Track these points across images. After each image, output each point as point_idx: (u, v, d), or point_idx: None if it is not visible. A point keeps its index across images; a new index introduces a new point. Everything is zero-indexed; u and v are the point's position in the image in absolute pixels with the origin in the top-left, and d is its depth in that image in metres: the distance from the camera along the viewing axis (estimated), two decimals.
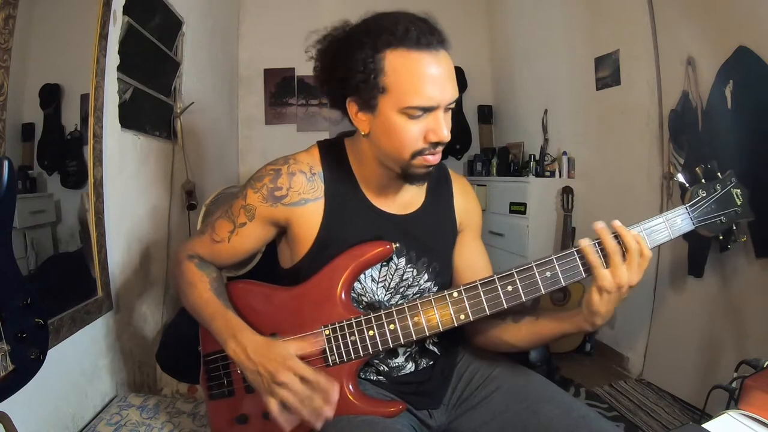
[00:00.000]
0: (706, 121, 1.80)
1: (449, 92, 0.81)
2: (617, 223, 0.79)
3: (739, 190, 0.86)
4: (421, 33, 0.78)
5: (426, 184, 0.98)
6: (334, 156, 0.95)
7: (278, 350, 0.81)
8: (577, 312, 0.84)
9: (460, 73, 3.44)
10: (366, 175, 0.93)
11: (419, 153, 0.83)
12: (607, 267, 0.77)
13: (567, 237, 2.56)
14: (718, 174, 0.86)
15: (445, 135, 0.81)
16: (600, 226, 0.78)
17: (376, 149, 0.87)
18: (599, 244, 0.79)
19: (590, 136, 2.58)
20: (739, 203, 0.86)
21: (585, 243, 0.79)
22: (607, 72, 2.38)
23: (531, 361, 1.10)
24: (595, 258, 0.78)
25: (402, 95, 0.79)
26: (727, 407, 0.83)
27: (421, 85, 0.78)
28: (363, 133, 0.87)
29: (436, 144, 0.83)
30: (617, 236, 0.78)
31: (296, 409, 0.79)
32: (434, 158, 0.85)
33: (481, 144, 3.61)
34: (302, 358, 0.84)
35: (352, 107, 0.85)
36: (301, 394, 0.79)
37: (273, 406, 0.80)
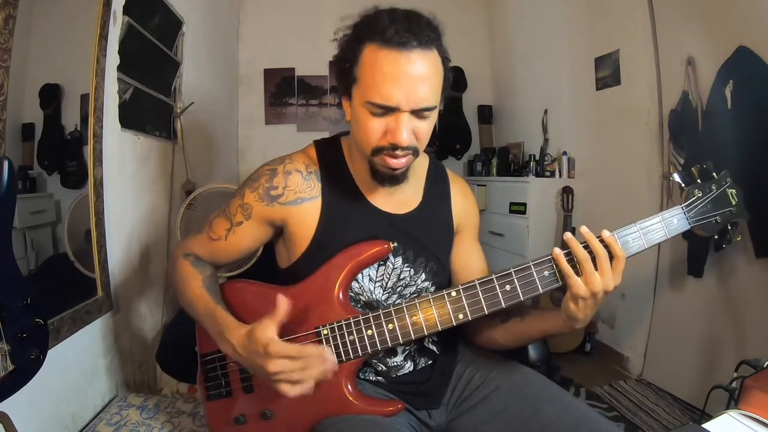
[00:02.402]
0: (706, 121, 1.80)
1: (416, 96, 0.77)
2: (584, 229, 0.79)
3: (734, 191, 0.86)
4: (398, 31, 0.76)
5: (424, 183, 0.99)
6: (331, 154, 0.95)
7: (257, 338, 0.76)
8: (557, 315, 0.85)
9: (460, 73, 3.44)
10: (361, 171, 0.93)
11: (379, 150, 0.82)
12: (579, 275, 0.78)
13: None
14: (714, 174, 0.86)
15: (400, 139, 0.79)
16: (568, 236, 0.79)
17: (353, 138, 0.89)
18: (569, 254, 0.79)
19: (590, 136, 2.58)
20: (734, 203, 0.86)
21: (556, 252, 0.79)
22: (607, 72, 2.38)
23: (531, 360, 1.10)
24: (566, 267, 0.78)
25: (365, 89, 0.80)
26: (727, 407, 0.83)
27: (382, 83, 0.77)
28: (347, 119, 0.88)
29: (394, 146, 0.81)
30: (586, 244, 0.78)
31: (303, 381, 0.76)
32: (395, 161, 0.83)
33: (481, 144, 3.61)
34: (298, 338, 0.84)
35: (341, 91, 0.87)
36: (297, 370, 0.75)
37: (285, 390, 0.77)
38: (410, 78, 0.77)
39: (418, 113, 0.80)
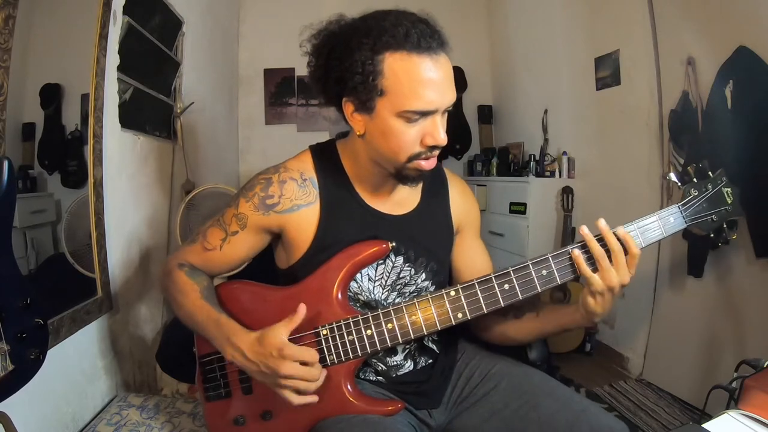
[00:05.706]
0: (706, 121, 1.80)
1: (448, 96, 0.81)
2: (602, 224, 0.81)
3: (729, 189, 0.87)
4: (422, 36, 0.77)
5: (421, 184, 0.98)
6: (327, 159, 0.95)
7: (270, 341, 0.79)
8: (575, 309, 0.86)
9: (460, 73, 3.43)
10: (360, 175, 0.93)
11: (415, 157, 0.83)
12: (596, 271, 0.80)
13: (567, 237, 2.56)
14: (709, 173, 0.87)
15: (443, 139, 0.81)
16: (585, 231, 0.81)
17: (371, 150, 0.87)
18: (586, 249, 0.81)
19: (590, 136, 2.58)
20: (729, 202, 0.87)
21: (576, 253, 0.81)
22: (607, 72, 2.38)
23: (531, 360, 1.11)
24: (584, 267, 0.80)
25: (401, 99, 0.78)
26: (727, 407, 0.83)
27: (421, 89, 0.78)
28: (358, 134, 0.86)
29: (432, 147, 0.82)
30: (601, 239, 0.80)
31: (308, 389, 0.80)
32: (428, 164, 0.84)
33: (481, 144, 3.61)
34: (296, 338, 0.85)
35: (348, 107, 0.85)
36: (307, 376, 0.79)
37: (290, 397, 0.80)
38: (443, 80, 0.80)
39: (444, 111, 0.82)
